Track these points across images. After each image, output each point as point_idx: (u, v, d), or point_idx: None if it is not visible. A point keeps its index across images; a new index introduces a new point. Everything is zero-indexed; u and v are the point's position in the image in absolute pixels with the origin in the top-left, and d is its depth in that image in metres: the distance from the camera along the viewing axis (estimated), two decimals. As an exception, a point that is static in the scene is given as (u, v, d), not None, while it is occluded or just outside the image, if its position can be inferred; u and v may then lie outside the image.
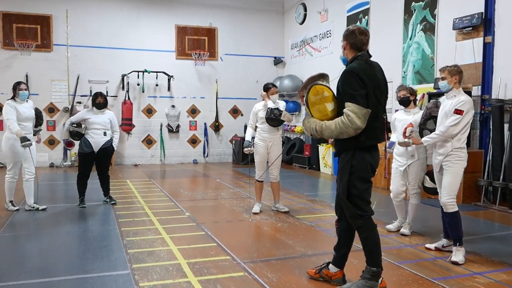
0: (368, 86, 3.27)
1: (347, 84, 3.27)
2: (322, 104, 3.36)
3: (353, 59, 3.42)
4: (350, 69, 3.32)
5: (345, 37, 3.49)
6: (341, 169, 3.45)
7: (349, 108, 3.20)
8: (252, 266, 4.22)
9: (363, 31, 3.49)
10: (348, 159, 3.37)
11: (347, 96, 3.25)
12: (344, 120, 3.21)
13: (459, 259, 4.32)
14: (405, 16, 9.37)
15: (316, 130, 3.36)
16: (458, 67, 4.60)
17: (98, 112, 6.95)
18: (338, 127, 3.24)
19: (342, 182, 3.42)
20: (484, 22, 7.53)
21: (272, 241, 5.17)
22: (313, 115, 3.42)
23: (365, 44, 3.48)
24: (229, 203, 7.38)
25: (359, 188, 3.39)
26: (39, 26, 12.45)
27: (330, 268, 3.76)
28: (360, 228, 3.43)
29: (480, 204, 7.26)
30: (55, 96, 12.64)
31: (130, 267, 4.15)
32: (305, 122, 3.47)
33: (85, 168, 6.90)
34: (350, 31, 3.49)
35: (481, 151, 7.54)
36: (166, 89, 13.64)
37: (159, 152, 13.76)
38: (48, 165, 12.42)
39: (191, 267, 4.17)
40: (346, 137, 3.27)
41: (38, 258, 4.48)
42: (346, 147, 3.38)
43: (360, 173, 3.37)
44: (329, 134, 3.31)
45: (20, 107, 6.33)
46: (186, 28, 13.85)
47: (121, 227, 5.64)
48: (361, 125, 3.20)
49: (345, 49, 3.51)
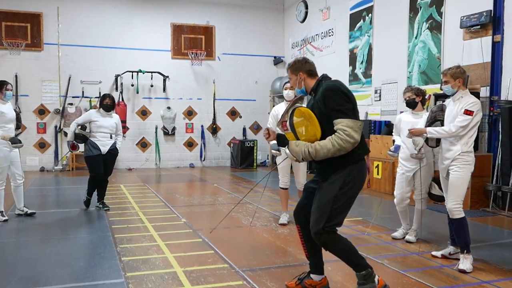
0: (352, 99, 3.37)
1: (332, 101, 3.31)
2: (309, 126, 3.34)
3: (319, 82, 3.53)
4: (329, 86, 3.37)
5: (298, 69, 3.60)
6: (328, 184, 3.39)
7: (343, 123, 3.24)
8: (251, 274, 4.23)
9: (307, 59, 3.69)
10: (341, 175, 3.36)
11: (335, 113, 3.28)
12: (341, 136, 3.22)
13: (466, 267, 4.33)
14: (411, 14, 9.41)
15: (309, 153, 3.30)
16: (460, 68, 4.57)
17: (106, 115, 6.99)
18: (336, 144, 3.23)
19: (327, 196, 3.37)
20: (492, 20, 7.56)
21: (272, 248, 5.18)
22: (299, 138, 3.38)
23: (315, 69, 3.66)
24: (227, 209, 7.38)
25: (343, 205, 3.38)
26: (29, 25, 12.49)
27: (313, 278, 3.78)
28: (326, 243, 3.42)
29: (488, 209, 7.27)
30: (45, 98, 12.67)
31: (124, 276, 4.15)
32: (293, 147, 3.40)
33: (98, 170, 6.91)
34: (299, 62, 3.64)
35: (490, 155, 7.56)
36: (162, 90, 13.66)
37: (154, 156, 13.77)
38: (39, 169, 12.44)
39: (188, 275, 4.17)
40: (343, 153, 3.28)
41: (27, 266, 4.48)
42: (341, 164, 3.36)
43: (352, 188, 3.39)
44: (324, 154, 3.27)
45: (4, 107, 6.18)
46: (182, 26, 13.89)
47: (115, 234, 5.64)
48: (358, 138, 3.26)
49: (303, 80, 3.59)
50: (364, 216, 6.78)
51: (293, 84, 3.69)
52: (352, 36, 11.34)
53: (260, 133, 14.73)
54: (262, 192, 7.55)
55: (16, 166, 6.42)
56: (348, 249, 3.45)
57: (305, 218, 3.59)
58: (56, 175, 11.81)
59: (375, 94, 10.46)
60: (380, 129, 9.78)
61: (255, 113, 14.74)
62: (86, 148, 6.92)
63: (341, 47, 11.84)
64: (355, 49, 11.25)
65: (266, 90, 14.75)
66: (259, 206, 7.41)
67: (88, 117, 6.98)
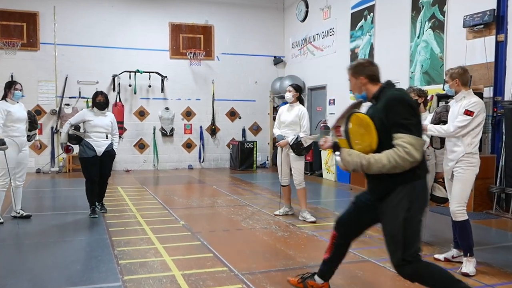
0: (417, 113, 3.15)
1: (395, 113, 3.07)
2: (366, 135, 3.13)
3: (381, 90, 3.27)
4: (394, 96, 3.15)
5: (359, 72, 3.35)
6: (392, 207, 3.15)
7: (403, 139, 3.01)
8: (250, 278, 4.23)
9: (372, 61, 3.44)
10: (403, 194, 3.11)
11: (396, 126, 3.05)
12: (400, 152, 3.00)
13: (469, 270, 4.33)
14: (413, 13, 9.42)
15: (361, 165, 3.09)
16: (460, 69, 4.59)
17: (100, 114, 6.83)
18: (392, 160, 3.01)
19: (396, 222, 3.12)
20: (496, 19, 7.57)
21: (271, 251, 5.18)
22: (353, 147, 3.17)
23: (380, 74, 3.40)
24: (226, 211, 7.39)
25: (415, 228, 3.14)
26: (25, 24, 12.48)
27: (316, 280, 3.75)
28: (412, 276, 3.16)
29: (492, 212, 7.28)
30: (42, 98, 12.67)
31: (121, 279, 4.15)
32: (345, 155, 3.17)
33: (93, 173, 6.74)
34: (361, 64, 3.40)
35: (493, 156, 7.57)
36: (160, 91, 13.66)
37: (152, 157, 13.77)
38: (35, 171, 12.43)
39: (186, 279, 4.17)
40: (399, 171, 3.05)
41: (23, 270, 4.47)
42: (399, 181, 3.12)
43: (418, 209, 3.15)
44: (378, 169, 3.06)
45: (12, 107, 6.27)
46: (180, 25, 13.90)
47: (112, 237, 5.65)
48: (419, 157, 3.02)
49: (364, 85, 3.34)
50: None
51: (352, 88, 3.46)
52: (353, 35, 11.35)
53: (259, 133, 14.74)
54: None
55: (21, 167, 6.48)
56: (441, 277, 3.15)
57: (344, 231, 3.53)
58: (53, 177, 11.80)
59: (376, 94, 10.45)
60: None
61: (255, 114, 14.74)
62: (80, 149, 6.72)
63: (342, 46, 11.84)
64: (356, 49, 11.25)
65: (266, 91, 14.75)
66: (259, 209, 7.42)
67: (81, 116, 6.82)
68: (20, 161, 6.42)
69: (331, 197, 9.12)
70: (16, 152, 6.27)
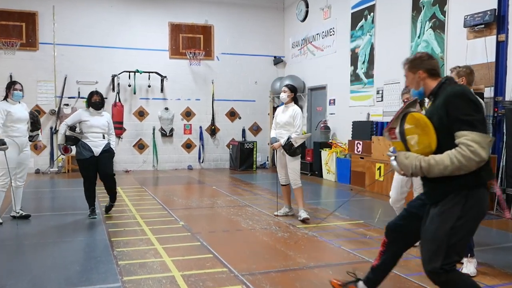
0: (481, 110, 2.96)
1: (456, 109, 2.88)
2: (423, 135, 2.93)
3: (441, 85, 3.09)
4: (455, 92, 2.95)
5: (417, 66, 3.18)
6: (442, 213, 2.95)
7: (468, 137, 2.79)
8: (250, 278, 4.23)
9: (431, 55, 3.28)
10: (458, 200, 2.90)
11: (459, 123, 2.84)
12: (464, 152, 2.78)
13: (470, 271, 4.33)
14: (413, 13, 9.43)
15: (420, 168, 2.90)
16: (468, 68, 4.61)
17: (96, 114, 6.82)
18: (456, 161, 2.79)
19: (442, 228, 2.93)
20: (497, 19, 7.57)
21: (271, 252, 5.19)
22: (410, 149, 3.00)
23: (439, 68, 3.24)
24: (226, 212, 7.39)
25: (461, 239, 2.93)
26: (24, 24, 12.50)
27: (359, 286, 3.58)
28: (446, 283, 2.97)
29: (493, 212, 7.27)
30: (41, 98, 12.67)
31: (120, 280, 4.15)
32: (401, 159, 3.01)
33: (90, 174, 6.72)
34: (419, 57, 3.23)
35: (494, 156, 7.56)
36: (159, 91, 13.67)
37: (151, 158, 13.78)
38: (34, 171, 12.42)
39: (186, 279, 4.18)
40: (463, 173, 2.83)
41: (22, 270, 4.48)
42: (457, 186, 2.90)
43: (474, 218, 2.96)
44: (440, 171, 2.86)
45: (12, 107, 6.31)
46: (180, 25, 13.91)
47: (111, 237, 5.65)
48: (485, 156, 2.80)
49: (422, 80, 3.16)
50: (365, 219, 6.78)
51: (409, 84, 3.29)
52: (354, 35, 11.36)
53: (259, 134, 14.75)
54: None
55: (22, 168, 6.49)
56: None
57: (395, 237, 3.35)
58: (52, 177, 11.81)
59: (377, 94, 10.47)
60: (382, 130, 9.79)
61: (255, 114, 14.75)
62: (77, 150, 6.73)
63: (342, 46, 11.85)
64: (356, 49, 11.26)
65: (265, 91, 14.76)
66: (259, 209, 7.43)
67: (77, 117, 6.80)
68: (21, 162, 6.44)
69: (331, 197, 9.12)
70: (16, 152, 6.29)
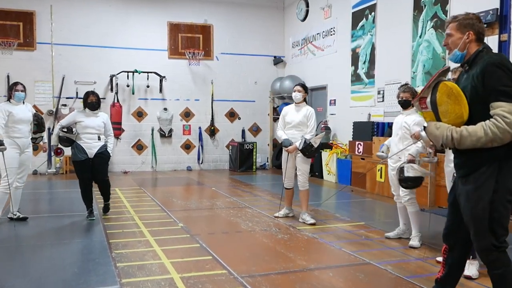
0: None
1: (494, 79, 2.81)
2: (455, 105, 2.87)
3: (478, 53, 3.03)
4: (493, 61, 2.87)
5: (469, 26, 3.07)
6: (476, 188, 2.90)
7: (503, 108, 2.74)
8: (250, 280, 4.23)
9: (480, 18, 3.15)
10: (490, 173, 2.86)
11: (495, 94, 2.79)
12: (499, 123, 2.74)
13: (472, 273, 4.33)
14: (415, 13, 9.43)
15: (452, 139, 2.85)
16: None
17: (91, 114, 6.79)
18: (490, 132, 2.75)
19: (480, 204, 2.89)
20: (499, 19, 7.58)
21: (271, 254, 5.18)
22: (441, 119, 2.95)
23: None
24: (225, 213, 7.39)
25: (502, 212, 2.88)
26: (21, 23, 12.49)
27: None
28: (494, 262, 2.92)
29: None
30: (38, 98, 12.65)
31: (119, 282, 4.15)
32: (432, 129, 2.96)
33: (85, 176, 6.70)
34: (472, 18, 3.09)
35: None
36: (158, 91, 13.67)
37: (150, 159, 13.77)
38: (32, 173, 12.42)
39: (185, 282, 4.17)
40: (497, 145, 2.79)
41: (20, 272, 4.48)
42: (489, 158, 2.86)
43: (508, 190, 2.89)
44: (472, 143, 2.81)
45: (15, 108, 6.33)
46: (179, 25, 13.91)
47: (110, 239, 5.64)
48: None
49: (470, 42, 3.07)
50: (366, 220, 6.79)
51: (452, 43, 3.12)
52: (354, 35, 11.36)
53: (259, 134, 14.75)
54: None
55: (22, 169, 6.49)
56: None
57: (454, 237, 3.20)
58: (50, 178, 11.79)
59: (378, 95, 10.47)
60: (383, 131, 9.79)
61: (255, 115, 14.75)
62: (72, 152, 6.73)
63: (343, 46, 11.85)
64: (357, 49, 11.26)
65: (265, 91, 14.76)
66: (259, 211, 7.42)
67: (72, 118, 6.78)
68: (22, 163, 6.44)
69: (332, 199, 9.10)
70: (18, 153, 6.30)
